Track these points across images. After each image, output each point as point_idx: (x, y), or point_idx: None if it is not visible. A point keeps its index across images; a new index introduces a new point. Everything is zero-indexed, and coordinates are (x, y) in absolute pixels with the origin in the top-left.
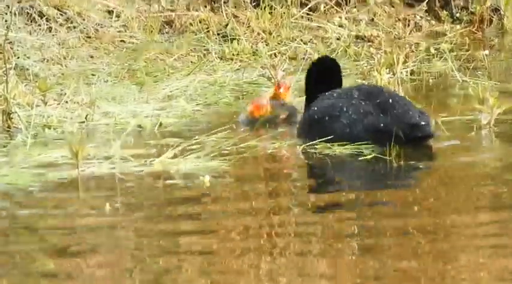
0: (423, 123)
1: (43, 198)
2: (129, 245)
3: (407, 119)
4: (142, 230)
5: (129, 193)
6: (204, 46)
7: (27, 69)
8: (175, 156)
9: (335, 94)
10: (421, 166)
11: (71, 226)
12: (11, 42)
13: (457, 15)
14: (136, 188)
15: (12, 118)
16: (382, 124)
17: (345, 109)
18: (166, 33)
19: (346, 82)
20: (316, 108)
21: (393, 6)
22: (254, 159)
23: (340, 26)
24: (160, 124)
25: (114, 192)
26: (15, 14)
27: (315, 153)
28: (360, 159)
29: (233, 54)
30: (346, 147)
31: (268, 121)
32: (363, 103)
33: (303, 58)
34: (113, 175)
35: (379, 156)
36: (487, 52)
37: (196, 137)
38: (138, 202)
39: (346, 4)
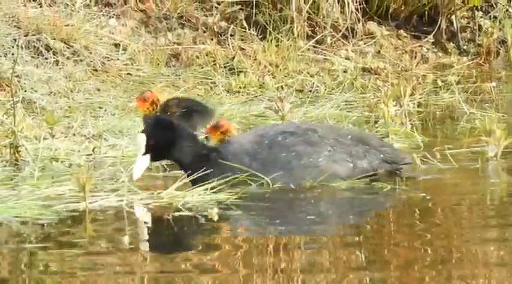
0: None
1: (50, 231)
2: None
3: None
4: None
5: (137, 226)
6: (211, 79)
7: (35, 102)
8: (182, 188)
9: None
10: (428, 198)
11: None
12: (18, 75)
13: (464, 47)
14: (144, 221)
15: (19, 151)
16: None
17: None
18: (173, 66)
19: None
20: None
21: (400, 39)
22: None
23: (347, 58)
24: None
25: (122, 225)
26: (22, 47)
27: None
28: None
29: (240, 87)
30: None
31: None
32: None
33: (310, 90)
34: (120, 208)
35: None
36: (494, 84)
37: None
38: (146, 235)
39: (353, 37)
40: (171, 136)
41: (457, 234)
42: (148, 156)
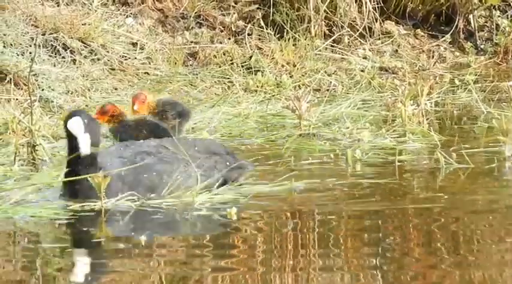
0: None
1: (66, 231)
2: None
3: None
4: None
5: (154, 225)
6: (228, 78)
7: (52, 101)
8: (200, 188)
9: None
10: (445, 197)
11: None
12: (35, 74)
13: (482, 46)
14: (162, 220)
15: (37, 150)
16: None
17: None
18: (190, 65)
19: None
20: None
21: (417, 38)
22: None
23: (364, 57)
24: None
25: (138, 224)
26: (39, 46)
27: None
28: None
29: (257, 86)
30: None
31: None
32: None
33: (327, 90)
34: (137, 208)
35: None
36: (511, 83)
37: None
38: (164, 234)
39: (370, 36)
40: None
41: (473, 235)
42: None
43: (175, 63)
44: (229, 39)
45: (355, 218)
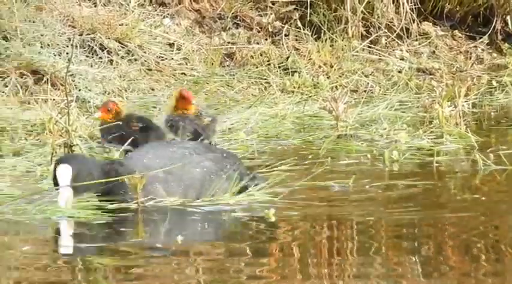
0: None
1: (103, 231)
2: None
3: None
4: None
5: (190, 227)
6: (265, 79)
7: (89, 102)
8: (238, 189)
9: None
10: (483, 199)
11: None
12: (72, 74)
13: None
14: (200, 221)
15: (73, 150)
16: None
17: None
18: (227, 66)
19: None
20: None
21: (455, 39)
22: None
23: (402, 58)
24: None
25: (175, 225)
26: (76, 46)
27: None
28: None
29: (294, 87)
30: None
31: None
32: None
33: (365, 91)
34: (173, 208)
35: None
36: None
37: (258, 170)
38: (199, 235)
39: (408, 37)
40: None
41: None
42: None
43: (212, 63)
44: (266, 39)
45: (392, 221)
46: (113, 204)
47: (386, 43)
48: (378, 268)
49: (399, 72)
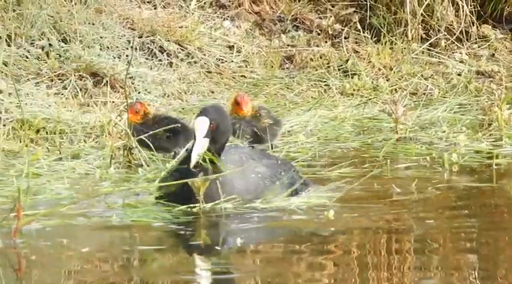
0: None
1: (166, 234)
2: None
3: None
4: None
5: (250, 229)
6: (325, 81)
7: (148, 104)
8: (296, 190)
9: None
10: None
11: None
12: (132, 77)
13: None
14: (260, 223)
15: (133, 153)
16: None
17: None
18: (287, 68)
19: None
20: None
21: None
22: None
23: (461, 61)
24: None
25: (236, 228)
26: (136, 48)
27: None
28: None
29: (354, 90)
30: None
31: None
32: None
33: (424, 93)
34: (233, 211)
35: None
36: None
37: (317, 172)
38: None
39: (467, 40)
40: (228, 125)
41: None
42: (207, 139)
43: (272, 66)
44: (326, 42)
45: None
46: (175, 207)
47: (445, 46)
48: (435, 271)
49: (458, 74)
